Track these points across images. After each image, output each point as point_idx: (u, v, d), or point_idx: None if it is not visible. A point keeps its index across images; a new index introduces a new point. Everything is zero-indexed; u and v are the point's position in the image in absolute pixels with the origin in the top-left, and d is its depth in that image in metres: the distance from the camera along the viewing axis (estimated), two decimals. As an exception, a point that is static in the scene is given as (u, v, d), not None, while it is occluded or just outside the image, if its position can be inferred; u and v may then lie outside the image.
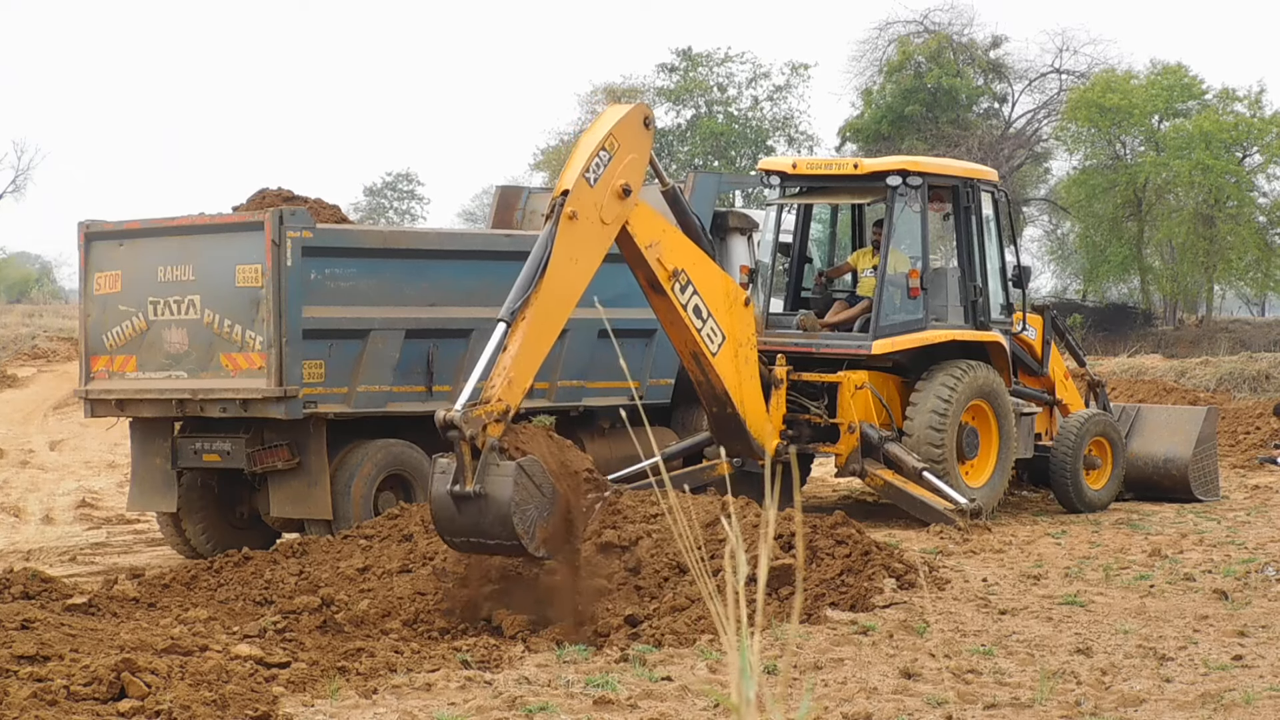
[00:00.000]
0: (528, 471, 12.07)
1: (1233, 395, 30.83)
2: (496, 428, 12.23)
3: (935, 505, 16.09)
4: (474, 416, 12.20)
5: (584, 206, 13.79)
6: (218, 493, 15.77)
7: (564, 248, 13.58)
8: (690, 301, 15.18)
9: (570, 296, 13.56)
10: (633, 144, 14.23)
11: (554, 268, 13.42)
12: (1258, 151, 47.97)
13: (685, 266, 15.09)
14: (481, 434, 12.13)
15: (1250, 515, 17.79)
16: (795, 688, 9.45)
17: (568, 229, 13.66)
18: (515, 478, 11.94)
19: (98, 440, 24.51)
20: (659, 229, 14.83)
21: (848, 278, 17.98)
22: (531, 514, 11.99)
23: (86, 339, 15.61)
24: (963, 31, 53.14)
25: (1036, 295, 47.15)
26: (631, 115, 14.52)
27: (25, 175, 63.82)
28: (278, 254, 14.25)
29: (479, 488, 11.90)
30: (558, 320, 13.41)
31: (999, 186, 17.98)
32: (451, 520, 11.96)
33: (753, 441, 15.96)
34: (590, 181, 13.86)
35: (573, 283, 13.64)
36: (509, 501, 11.83)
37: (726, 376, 15.63)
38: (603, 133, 14.07)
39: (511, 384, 12.70)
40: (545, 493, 12.09)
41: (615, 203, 14.05)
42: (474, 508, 11.94)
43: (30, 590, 11.44)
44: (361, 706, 9.02)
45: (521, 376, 12.81)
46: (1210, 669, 9.86)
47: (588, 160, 13.89)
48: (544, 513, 12.01)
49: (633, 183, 14.15)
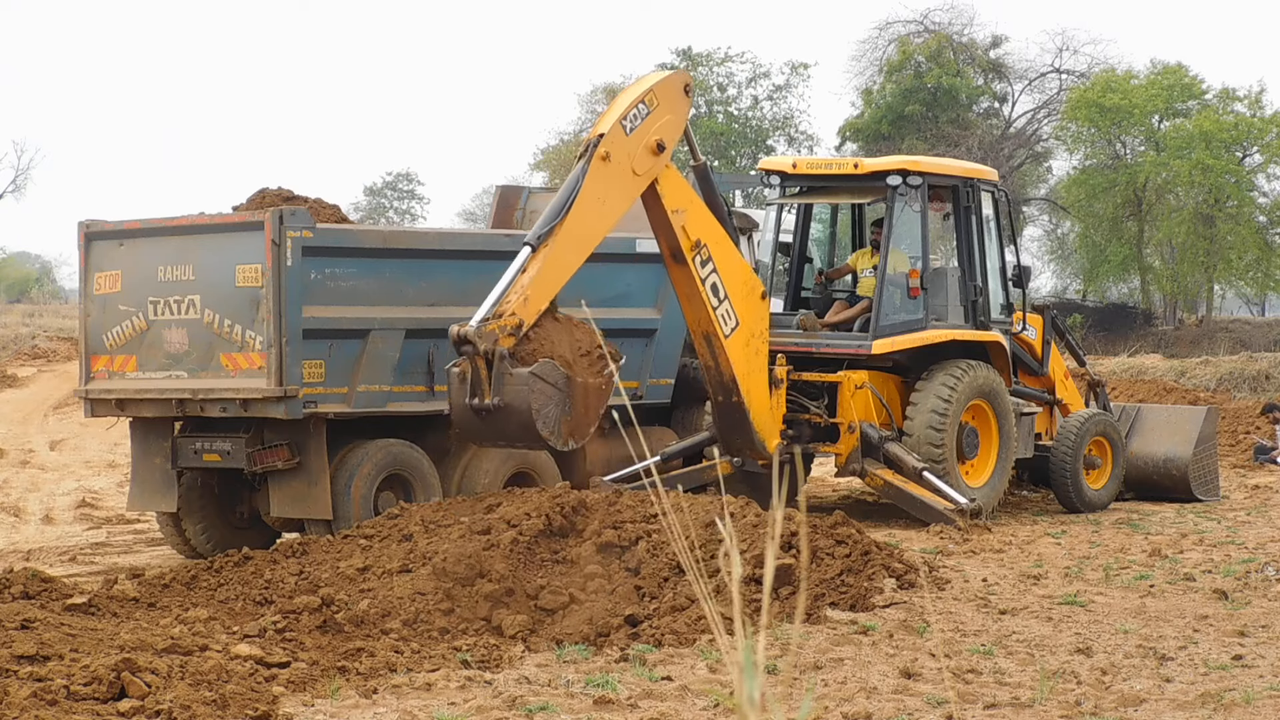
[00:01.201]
0: (541, 376, 12.35)
1: (1233, 395, 30.85)
2: (508, 340, 12.66)
3: (935, 505, 16.09)
4: (487, 331, 12.66)
5: (617, 151, 14.23)
6: (218, 493, 15.77)
7: (593, 186, 14.05)
8: (709, 278, 15.35)
9: (592, 235, 14.03)
10: (672, 105, 14.75)
11: (581, 203, 13.85)
12: (1258, 151, 47.98)
13: (708, 242, 15.32)
14: (494, 348, 12.46)
15: (1250, 515, 17.80)
16: (796, 687, 9.45)
17: (599, 169, 14.12)
18: (530, 384, 12.27)
19: (98, 440, 24.50)
20: (687, 198, 15.19)
21: (848, 277, 17.98)
22: (552, 413, 12.39)
23: (86, 339, 15.60)
24: (963, 31, 53.18)
25: (1036, 295, 47.14)
26: (673, 78, 15.12)
27: (25, 175, 63.89)
28: (278, 254, 14.25)
29: (498, 400, 12.27)
30: (578, 255, 13.84)
31: (999, 186, 17.98)
32: (475, 429, 12.46)
33: (754, 435, 15.98)
34: (626, 129, 14.37)
35: (597, 222, 14.11)
36: (528, 410, 12.20)
37: (736, 362, 15.71)
38: (644, 88, 14.61)
39: (527, 302, 13.21)
40: (561, 388, 12.40)
41: (648, 156, 14.45)
42: (496, 418, 12.31)
43: (30, 590, 11.43)
44: (361, 706, 9.02)
45: (537, 297, 13.26)
46: (1210, 669, 9.87)
47: (626, 109, 14.43)
48: (564, 409, 12.37)
49: (667, 140, 14.55)
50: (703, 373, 16.12)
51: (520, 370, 12.64)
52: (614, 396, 16.82)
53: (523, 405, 12.63)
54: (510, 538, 12.04)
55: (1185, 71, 48.99)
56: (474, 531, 12.35)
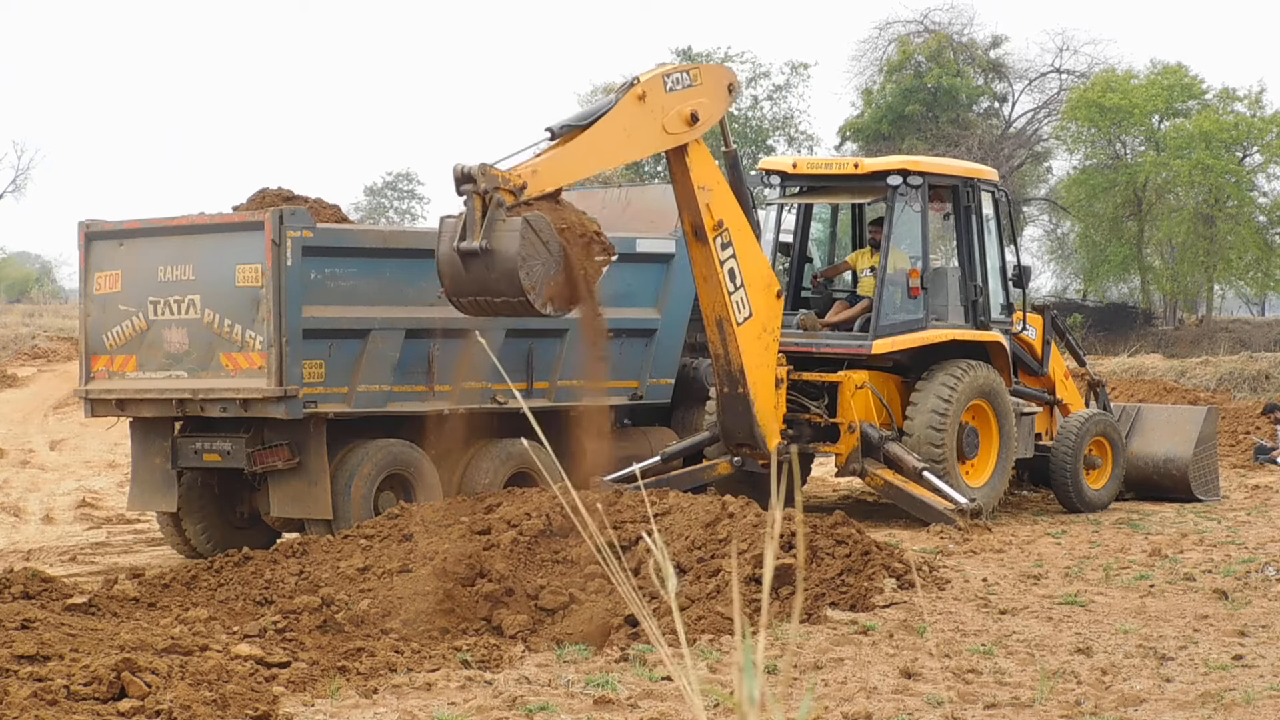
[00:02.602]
0: (534, 227, 12.41)
1: (1233, 395, 30.85)
2: (509, 195, 12.76)
3: (935, 505, 16.08)
4: (491, 173, 12.79)
5: (653, 99, 14.66)
6: (218, 492, 15.76)
7: (621, 116, 14.28)
8: (728, 262, 15.46)
9: (607, 156, 14.27)
10: (713, 90, 15.08)
11: (607, 123, 14.19)
12: (1258, 151, 48.00)
13: (730, 225, 15.42)
14: (494, 192, 12.46)
15: (1250, 515, 17.79)
16: (796, 687, 9.45)
17: (632, 104, 14.43)
18: (522, 232, 12.30)
19: (98, 440, 24.50)
20: (715, 178, 15.38)
21: (847, 277, 17.97)
22: (538, 270, 12.30)
23: (86, 339, 15.60)
24: (963, 31, 53.18)
25: (1036, 295, 47.14)
26: (722, 69, 15.55)
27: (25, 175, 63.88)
28: (278, 254, 14.24)
29: (485, 243, 12.14)
30: (587, 166, 14.07)
31: (999, 186, 17.98)
32: (458, 279, 12.22)
33: (757, 430, 15.98)
34: (666, 85, 14.64)
35: (615, 148, 14.32)
36: (515, 256, 12.13)
37: (746, 353, 15.73)
38: (691, 65, 14.73)
39: (536, 174, 13.34)
40: (552, 250, 12.39)
41: (680, 121, 14.71)
42: (480, 264, 12.23)
43: (30, 590, 11.43)
44: (361, 706, 9.02)
45: (547, 174, 13.39)
46: (1210, 669, 9.86)
47: (671, 70, 14.67)
48: (550, 270, 12.33)
49: (703, 116, 14.63)
50: (711, 362, 16.15)
51: (514, 218, 12.54)
52: (616, 396, 16.87)
53: (510, 251, 12.43)
54: (510, 538, 12.04)
55: (1185, 71, 48.99)
56: (474, 531, 12.35)
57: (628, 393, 17.04)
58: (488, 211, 12.69)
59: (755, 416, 15.95)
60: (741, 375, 15.79)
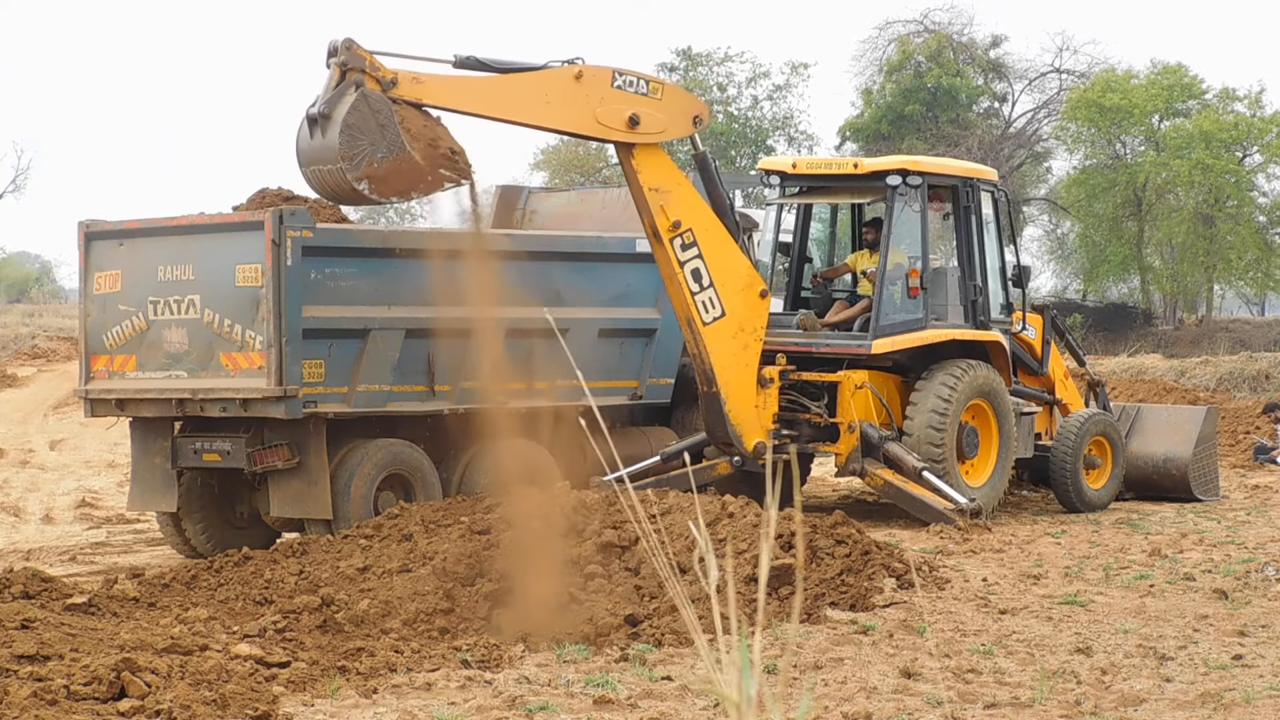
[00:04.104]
0: (370, 103, 12.95)
1: (1233, 395, 30.84)
2: (372, 83, 13.10)
3: (935, 505, 16.08)
4: (358, 53, 13.16)
5: (591, 85, 14.78)
6: (218, 492, 15.76)
7: (546, 82, 14.42)
8: (690, 263, 15.49)
9: (507, 108, 14.30)
10: (671, 110, 15.24)
11: (525, 79, 14.29)
12: (1258, 151, 47.98)
13: (692, 225, 15.45)
14: (353, 71, 13.00)
15: (1250, 515, 17.79)
16: (795, 687, 9.45)
17: (565, 77, 14.52)
18: (355, 101, 12.76)
19: (98, 440, 24.49)
20: (673, 180, 15.38)
21: (848, 277, 17.97)
22: (364, 145, 12.83)
23: (86, 339, 15.60)
24: (963, 31, 53.17)
25: (1036, 295, 47.14)
26: (690, 99, 15.69)
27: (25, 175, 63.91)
28: (278, 254, 14.25)
29: (325, 108, 12.53)
30: (481, 104, 14.11)
31: (999, 186, 17.98)
32: (302, 147, 13.06)
33: (730, 429, 16.08)
34: (614, 81, 14.66)
35: (522, 105, 14.38)
36: (341, 121, 12.55)
37: (715, 353, 15.83)
38: (657, 80, 14.84)
39: (417, 81, 13.61)
40: (386, 133, 12.92)
41: (617, 119, 14.71)
42: (319, 130, 12.56)
43: (30, 590, 11.43)
44: (361, 706, 9.02)
45: (434, 87, 13.69)
46: (1210, 668, 9.87)
47: (629, 71, 14.73)
48: (378, 152, 12.79)
49: (645, 125, 14.60)
50: (692, 362, 16.29)
51: (355, 90, 13.01)
52: (616, 396, 16.86)
53: (337, 116, 12.87)
54: (510, 537, 12.04)
55: (1185, 71, 48.98)
56: (474, 531, 12.35)
57: (628, 393, 17.05)
58: (342, 82, 13.22)
59: (727, 416, 16.02)
60: (712, 374, 15.95)
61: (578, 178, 52.82)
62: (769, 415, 16.38)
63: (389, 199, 13.51)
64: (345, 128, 12.93)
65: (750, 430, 16.16)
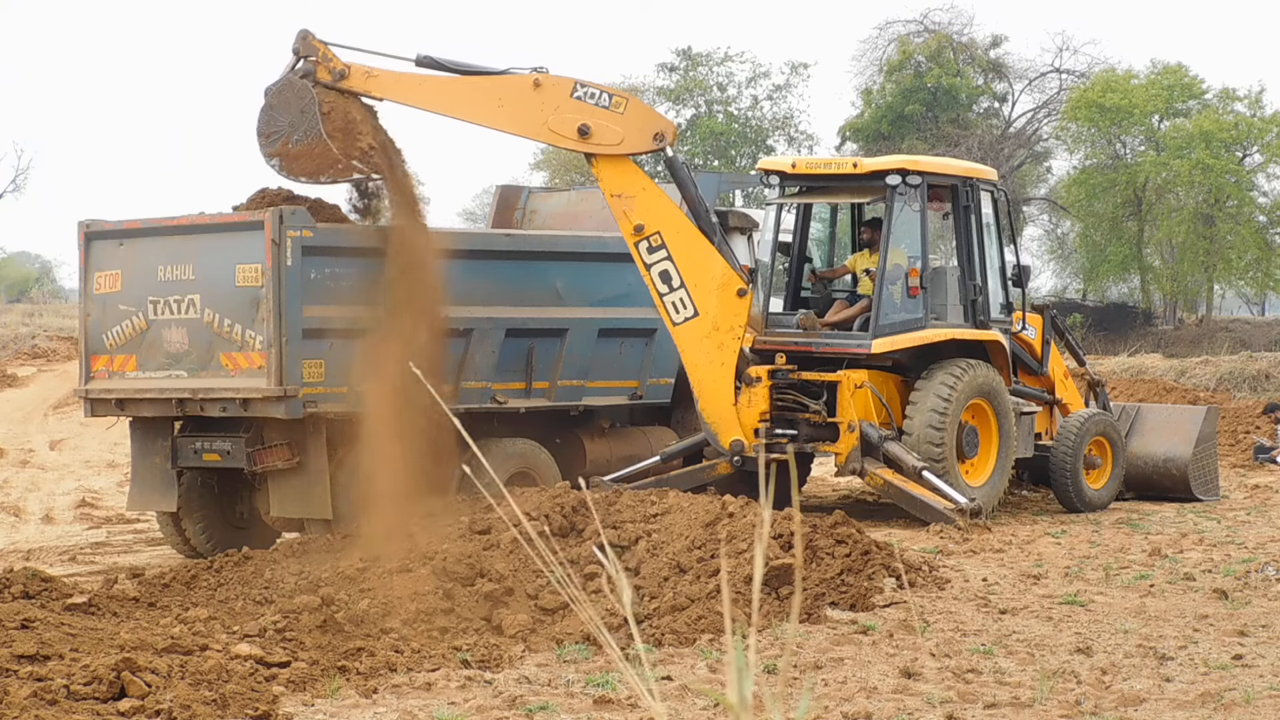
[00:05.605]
0: (295, 88, 14.04)
1: (1233, 395, 30.84)
2: (323, 71, 14.15)
3: (935, 505, 16.08)
4: (313, 43, 14.24)
5: (549, 94, 15.00)
6: (218, 492, 15.76)
7: (502, 88, 14.92)
8: (658, 265, 15.70)
9: (459, 108, 14.87)
10: (632, 125, 15.39)
11: (480, 83, 14.84)
12: (1258, 151, 47.99)
13: (660, 229, 15.63)
14: (306, 59, 14.11)
15: (1250, 515, 17.80)
16: (795, 687, 9.45)
17: (524, 85, 14.96)
18: (282, 82, 14.04)
19: (98, 440, 24.50)
20: (637, 185, 15.63)
21: (848, 277, 17.97)
22: (280, 123, 13.97)
23: (86, 338, 15.59)
24: (963, 31, 53.19)
25: (1036, 295, 47.14)
26: (656, 117, 15.80)
27: (25, 175, 63.91)
28: (278, 253, 14.24)
29: (271, 86, 14.09)
30: (433, 102, 14.75)
31: (999, 186, 17.98)
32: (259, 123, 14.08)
33: (704, 425, 16.19)
34: (574, 92, 15.00)
35: (475, 107, 14.93)
36: (266, 93, 13.93)
37: (685, 351, 16.06)
38: (621, 93, 15.03)
39: (369, 77, 14.47)
40: (305, 117, 13.88)
41: (568, 128, 15.07)
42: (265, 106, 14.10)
43: (30, 590, 11.43)
44: (361, 706, 9.02)
45: (386, 82, 14.47)
46: (1210, 668, 9.87)
47: (591, 84, 14.96)
48: (295, 134, 13.92)
49: (596, 135, 15.02)
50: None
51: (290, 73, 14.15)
52: (616, 396, 16.86)
53: (267, 96, 14.15)
54: (510, 538, 12.04)
55: (1185, 71, 48.99)
56: (474, 531, 12.35)
57: (628, 392, 17.05)
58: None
59: (700, 414, 16.17)
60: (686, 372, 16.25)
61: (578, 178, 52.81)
62: (755, 414, 16.38)
63: (297, 178, 14.41)
64: (267, 107, 14.12)
65: (726, 428, 16.21)
